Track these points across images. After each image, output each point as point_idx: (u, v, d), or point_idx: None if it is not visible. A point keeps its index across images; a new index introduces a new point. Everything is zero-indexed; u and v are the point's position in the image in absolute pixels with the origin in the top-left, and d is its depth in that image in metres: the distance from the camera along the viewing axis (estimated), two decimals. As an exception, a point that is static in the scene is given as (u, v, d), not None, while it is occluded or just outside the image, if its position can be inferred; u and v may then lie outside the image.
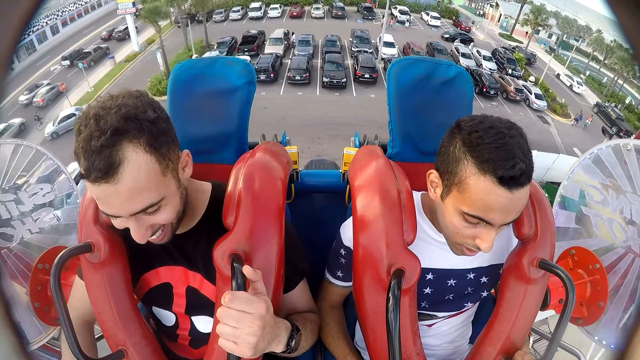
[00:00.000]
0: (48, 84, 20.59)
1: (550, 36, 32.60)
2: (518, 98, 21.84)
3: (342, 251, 1.07)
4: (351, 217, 1.03)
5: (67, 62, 23.17)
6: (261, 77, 20.24)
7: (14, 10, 0.44)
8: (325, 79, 20.84)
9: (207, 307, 0.95)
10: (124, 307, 0.95)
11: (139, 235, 0.79)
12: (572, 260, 1.22)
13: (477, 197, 0.79)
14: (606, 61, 28.02)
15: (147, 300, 1.03)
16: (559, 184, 1.37)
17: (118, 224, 0.79)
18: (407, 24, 31.86)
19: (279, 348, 0.83)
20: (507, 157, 0.75)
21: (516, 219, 0.95)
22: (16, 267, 1.26)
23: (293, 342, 0.86)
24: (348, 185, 1.15)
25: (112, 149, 0.69)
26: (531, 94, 22.11)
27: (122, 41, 26.50)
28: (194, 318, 1.00)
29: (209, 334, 0.95)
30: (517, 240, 0.99)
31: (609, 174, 1.25)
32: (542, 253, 0.94)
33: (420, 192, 1.06)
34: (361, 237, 0.95)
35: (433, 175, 0.90)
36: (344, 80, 20.82)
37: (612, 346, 1.19)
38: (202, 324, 1.00)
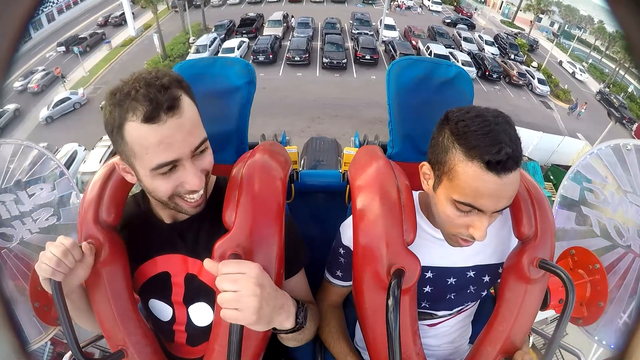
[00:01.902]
0: (43, 70, 20.26)
1: (552, 24, 32.15)
2: (521, 82, 21.54)
3: (342, 250, 1.07)
4: (351, 217, 1.03)
5: (63, 48, 22.80)
6: (260, 58, 20.02)
7: (14, 10, 0.44)
8: (325, 60, 20.48)
9: (205, 294, 0.96)
10: (124, 307, 0.95)
11: (196, 178, 0.82)
12: (572, 260, 1.22)
13: (466, 183, 0.80)
14: (608, 51, 27.62)
15: (144, 292, 1.02)
16: (564, 166, 1.37)
17: (175, 178, 0.81)
18: (419, 10, 31.61)
19: (289, 321, 0.84)
20: (494, 143, 0.76)
21: (516, 219, 0.96)
22: (16, 267, 1.26)
23: (301, 316, 0.87)
24: (348, 185, 1.14)
25: (171, 89, 0.77)
26: (534, 78, 21.83)
27: (118, 27, 26.00)
28: (190, 309, 1.00)
29: (205, 327, 0.96)
30: (517, 240, 0.99)
31: (608, 174, 1.25)
32: (542, 253, 0.95)
33: (418, 191, 1.06)
34: (361, 237, 0.95)
35: (425, 168, 0.91)
36: (344, 61, 20.44)
37: (612, 346, 1.19)
38: (199, 315, 1.00)
